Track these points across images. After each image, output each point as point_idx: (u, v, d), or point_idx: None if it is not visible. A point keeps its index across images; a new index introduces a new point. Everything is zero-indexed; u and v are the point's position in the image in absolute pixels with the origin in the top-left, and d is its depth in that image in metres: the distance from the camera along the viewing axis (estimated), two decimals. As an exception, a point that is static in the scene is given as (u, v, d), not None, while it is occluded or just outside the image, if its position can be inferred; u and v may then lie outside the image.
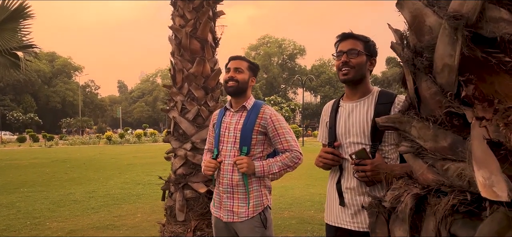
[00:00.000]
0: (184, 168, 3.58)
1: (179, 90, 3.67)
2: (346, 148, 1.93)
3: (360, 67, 1.91)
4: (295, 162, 2.35)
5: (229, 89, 2.35)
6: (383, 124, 1.54)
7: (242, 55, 2.48)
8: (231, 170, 2.31)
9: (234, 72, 2.36)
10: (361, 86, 1.95)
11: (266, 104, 2.44)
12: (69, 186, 9.28)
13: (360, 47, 1.92)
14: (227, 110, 2.46)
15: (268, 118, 2.34)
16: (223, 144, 2.37)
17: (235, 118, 2.39)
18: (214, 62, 3.75)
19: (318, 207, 6.61)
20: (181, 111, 3.63)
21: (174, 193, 3.57)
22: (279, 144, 2.35)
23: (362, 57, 1.92)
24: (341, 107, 2.02)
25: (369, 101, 1.92)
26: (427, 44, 1.35)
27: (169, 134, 3.75)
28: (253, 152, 2.32)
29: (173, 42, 3.71)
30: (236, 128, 2.34)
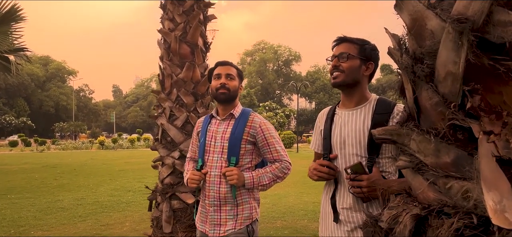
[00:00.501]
0: (171, 178, 3.44)
1: (167, 96, 3.53)
2: (341, 160, 1.81)
3: (351, 71, 1.79)
4: (284, 173, 2.25)
5: (220, 96, 2.22)
6: (379, 137, 1.42)
7: (229, 61, 2.35)
8: (218, 182, 2.18)
9: (226, 79, 2.24)
10: (356, 92, 1.83)
11: (254, 111, 2.34)
12: (58, 193, 9.07)
13: (353, 51, 1.80)
14: (213, 117, 2.33)
15: (258, 126, 2.23)
16: (209, 154, 2.24)
17: (222, 127, 2.26)
18: (205, 67, 3.63)
19: (312, 217, 6.48)
20: (170, 118, 3.49)
21: (161, 203, 3.42)
22: (268, 154, 2.25)
23: (354, 61, 1.79)
24: (337, 115, 1.90)
25: (366, 110, 1.80)
26: (428, 49, 1.23)
27: (157, 142, 3.61)
28: (241, 163, 2.20)
29: (162, 46, 3.58)
30: (224, 137, 2.22)
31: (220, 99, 2.23)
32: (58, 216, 6.68)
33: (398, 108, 1.73)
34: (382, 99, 1.82)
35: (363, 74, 1.81)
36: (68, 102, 68.63)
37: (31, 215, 6.70)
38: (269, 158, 2.26)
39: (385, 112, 1.72)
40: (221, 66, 2.29)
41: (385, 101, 1.79)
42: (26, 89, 63.17)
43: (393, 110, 1.72)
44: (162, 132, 3.53)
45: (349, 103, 1.85)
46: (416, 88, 1.30)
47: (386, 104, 1.77)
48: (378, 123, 1.69)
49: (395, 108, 1.73)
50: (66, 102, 68.33)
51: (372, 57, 1.83)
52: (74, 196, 8.69)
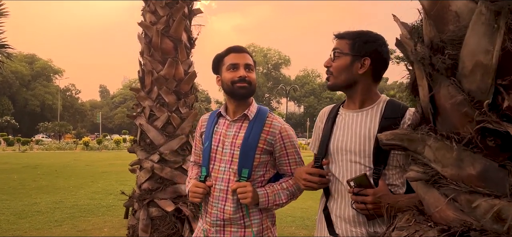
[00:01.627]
0: (150, 183, 3.17)
1: (147, 94, 3.27)
2: (342, 167, 1.57)
3: (339, 71, 1.56)
4: (301, 190, 1.87)
5: (240, 92, 1.80)
6: (387, 142, 1.19)
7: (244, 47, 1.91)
8: (224, 199, 1.79)
9: (245, 70, 1.82)
10: (357, 93, 1.59)
11: (272, 112, 1.94)
12: (35, 195, 8.68)
13: (344, 47, 1.56)
14: (222, 117, 1.91)
15: (278, 132, 1.82)
16: (215, 162, 1.84)
17: (232, 129, 1.85)
18: (189, 64, 3.38)
19: (300, 223, 6.25)
20: (149, 118, 3.23)
21: (138, 210, 3.15)
22: (286, 166, 1.86)
23: (344, 59, 1.55)
24: (340, 116, 1.66)
25: (374, 113, 1.55)
26: (451, 36, 1.01)
27: (135, 144, 3.34)
28: (253, 176, 1.80)
29: (142, 41, 3.32)
30: (234, 143, 1.81)
31: (239, 95, 1.81)
32: (33, 220, 6.32)
33: (410, 112, 1.48)
34: (393, 101, 1.58)
35: (358, 73, 1.54)
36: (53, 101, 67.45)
37: (4, 219, 6.32)
38: (286, 171, 1.87)
39: (396, 116, 1.48)
40: (236, 53, 1.85)
41: (396, 104, 1.55)
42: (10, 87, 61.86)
43: (404, 114, 1.48)
44: (141, 133, 3.26)
45: (353, 105, 1.62)
46: (433, 84, 1.07)
47: (397, 107, 1.53)
48: (386, 128, 1.43)
49: (407, 113, 1.48)
50: (51, 101, 67.14)
51: (367, 51, 1.54)
52: (52, 199, 8.31)
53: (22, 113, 64.43)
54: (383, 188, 1.42)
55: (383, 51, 1.55)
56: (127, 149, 3.36)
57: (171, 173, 3.11)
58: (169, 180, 3.11)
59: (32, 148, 30.16)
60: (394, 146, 1.17)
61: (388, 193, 1.41)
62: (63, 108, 70.77)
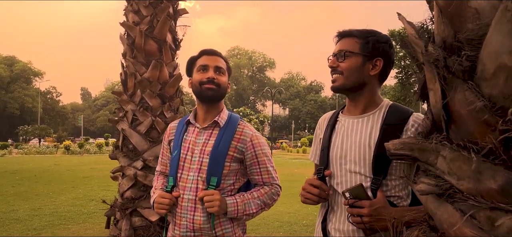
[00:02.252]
0: (133, 191, 3.02)
1: (130, 97, 3.12)
2: (341, 177, 1.47)
3: (351, 72, 1.46)
4: (274, 200, 1.84)
5: (207, 93, 1.75)
6: (395, 152, 1.08)
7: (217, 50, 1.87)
8: (193, 208, 1.72)
9: (215, 72, 1.77)
10: (362, 97, 1.49)
11: (243, 119, 1.89)
12: (14, 202, 8.36)
13: (353, 47, 1.47)
14: (191, 124, 1.86)
15: (248, 140, 1.78)
16: (183, 171, 1.78)
17: (202, 137, 1.80)
18: (174, 66, 3.24)
19: (287, 228, 6.15)
20: (132, 123, 3.08)
21: (120, 220, 2.99)
22: (257, 175, 1.82)
23: (355, 59, 1.46)
24: (339, 123, 1.56)
25: (375, 119, 1.46)
26: (469, 35, 0.91)
27: (117, 149, 3.18)
28: (223, 185, 1.75)
29: (125, 42, 3.17)
30: (204, 151, 1.75)
31: (206, 96, 1.76)
32: (10, 229, 6.06)
33: (415, 118, 1.39)
34: (396, 106, 1.49)
35: (368, 74, 1.46)
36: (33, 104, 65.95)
37: (-21, 228, 6.04)
38: (257, 180, 1.83)
39: (398, 122, 1.39)
40: (207, 55, 1.82)
41: (399, 108, 1.46)
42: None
43: (408, 120, 1.39)
44: (123, 139, 3.10)
45: (355, 110, 1.52)
46: (447, 88, 0.97)
47: (400, 112, 1.43)
48: (387, 135, 1.35)
49: (410, 118, 1.39)
50: (31, 104, 65.66)
51: (380, 51, 1.46)
52: (31, 205, 8.02)
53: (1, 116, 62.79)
54: (381, 200, 1.32)
55: (392, 53, 1.49)
56: (109, 155, 3.20)
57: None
58: (153, 188, 2.95)
59: (11, 152, 29.33)
60: (403, 156, 1.07)
61: (387, 205, 1.32)
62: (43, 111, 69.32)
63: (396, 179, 1.37)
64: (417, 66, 1.16)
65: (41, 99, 68.50)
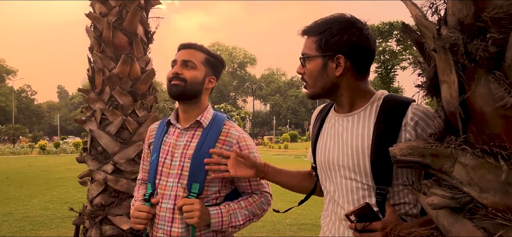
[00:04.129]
0: (103, 197, 2.77)
1: (98, 95, 2.86)
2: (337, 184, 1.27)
3: (314, 79, 1.27)
4: (264, 210, 1.67)
5: (171, 89, 1.59)
6: (402, 158, 0.90)
7: (198, 43, 1.69)
8: (170, 219, 1.54)
9: (181, 67, 1.60)
10: (342, 97, 1.28)
11: (230, 119, 1.72)
12: (-18, 207, 7.91)
13: (310, 48, 1.26)
14: (172, 125, 1.68)
15: (235, 142, 1.60)
16: (162, 176, 1.60)
17: (183, 139, 1.62)
18: (146, 61, 3.00)
19: (270, 228, 5.99)
20: (101, 123, 2.82)
21: (89, 229, 2.75)
22: (245, 181, 1.63)
23: (314, 63, 1.25)
24: (329, 121, 1.36)
25: (367, 116, 1.24)
26: (497, 14, 0.74)
27: (85, 152, 2.92)
28: (206, 192, 1.56)
29: (91, 34, 2.91)
30: (184, 154, 1.58)
31: (171, 93, 1.61)
32: (-24, 237, 5.68)
33: (414, 110, 1.15)
34: (392, 97, 1.25)
35: (334, 75, 1.24)
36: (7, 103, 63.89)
37: None
38: (245, 187, 1.65)
39: (394, 117, 1.17)
40: (181, 50, 1.66)
41: (395, 99, 1.23)
42: (-42, 89, 57.99)
43: (406, 112, 1.15)
44: (92, 141, 2.85)
45: (341, 108, 1.32)
46: (467, 81, 0.80)
47: (396, 104, 1.20)
48: (382, 136, 1.15)
49: (409, 110, 1.16)
50: (5, 103, 63.63)
51: (338, 46, 1.22)
52: (1, 210, 7.62)
53: (-28, 116, 60.60)
54: (393, 216, 1.10)
55: (361, 39, 1.22)
56: (76, 158, 2.94)
57: (127, 185, 2.73)
58: (125, 193, 2.73)
59: (-17, 154, 28.22)
60: (412, 163, 0.89)
61: (400, 222, 1.09)
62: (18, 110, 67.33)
63: (397, 184, 1.17)
64: (423, 54, 0.97)
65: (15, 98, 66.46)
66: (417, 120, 1.13)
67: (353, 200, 1.21)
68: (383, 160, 1.12)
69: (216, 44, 79.27)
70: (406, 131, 1.13)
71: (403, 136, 1.13)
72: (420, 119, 1.13)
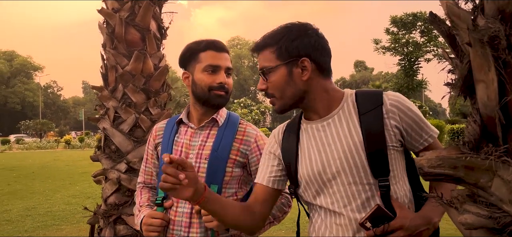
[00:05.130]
0: (116, 196, 2.73)
1: (111, 93, 2.82)
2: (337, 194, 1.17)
3: (281, 89, 1.20)
4: (284, 212, 1.57)
5: (217, 101, 1.50)
6: (430, 171, 0.78)
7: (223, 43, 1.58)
8: (188, 224, 1.46)
9: (227, 75, 1.52)
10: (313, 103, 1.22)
11: (243, 119, 1.63)
12: (8, 201, 8.14)
13: (270, 59, 1.20)
14: (183, 124, 1.59)
15: (253, 141, 1.53)
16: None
17: (198, 138, 1.53)
18: (159, 57, 2.93)
19: (289, 226, 5.88)
20: (114, 121, 2.78)
21: (104, 228, 2.72)
22: None
23: (278, 73, 1.19)
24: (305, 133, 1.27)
25: (347, 114, 1.19)
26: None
27: (99, 150, 2.89)
28: (224, 194, 1.48)
29: (104, 31, 2.86)
30: (200, 155, 1.49)
31: (215, 103, 1.50)
32: (0, 231, 5.84)
33: (390, 97, 1.16)
34: (363, 91, 1.24)
35: (302, 80, 1.18)
36: (34, 98, 66.00)
37: (-32, 231, 5.81)
38: None
39: (373, 106, 1.15)
40: (216, 52, 1.52)
41: (366, 93, 1.21)
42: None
43: (382, 101, 1.15)
44: (105, 139, 2.81)
45: (315, 115, 1.24)
46: (508, 79, 0.67)
47: (370, 96, 1.19)
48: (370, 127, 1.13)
49: (385, 98, 1.15)
50: (32, 98, 65.75)
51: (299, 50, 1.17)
52: (25, 205, 7.79)
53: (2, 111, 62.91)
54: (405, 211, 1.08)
55: (319, 40, 1.20)
56: (90, 156, 2.91)
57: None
58: (139, 192, 2.67)
59: (11, 148, 29.18)
60: (442, 176, 0.76)
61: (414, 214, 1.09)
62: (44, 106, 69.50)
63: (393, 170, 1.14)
64: (454, 49, 0.85)
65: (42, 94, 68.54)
66: (397, 105, 1.14)
67: (358, 206, 1.14)
68: (377, 152, 1.11)
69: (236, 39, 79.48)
70: (389, 118, 1.13)
71: (388, 123, 1.13)
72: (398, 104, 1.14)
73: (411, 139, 1.16)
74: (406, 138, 1.15)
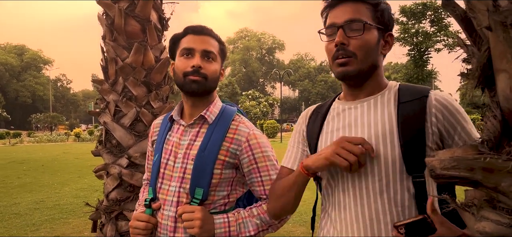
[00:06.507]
0: (118, 192, 2.68)
1: (111, 86, 2.75)
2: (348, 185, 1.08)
3: (367, 53, 1.07)
4: (281, 219, 1.42)
5: (191, 87, 1.36)
6: (443, 173, 0.69)
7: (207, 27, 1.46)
8: (173, 228, 1.37)
9: (203, 59, 1.37)
10: (371, 81, 1.11)
11: (239, 113, 1.50)
12: (16, 194, 8.20)
13: (366, 15, 1.07)
14: (175, 122, 1.49)
15: (244, 141, 1.38)
16: (164, 180, 1.42)
17: (187, 137, 1.42)
18: (161, 49, 2.85)
19: (297, 219, 5.82)
20: (115, 115, 2.72)
21: (106, 224, 2.67)
22: (258, 185, 1.40)
23: (371, 34, 1.07)
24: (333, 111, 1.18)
25: (385, 100, 1.09)
26: None
27: (101, 145, 2.84)
28: (212, 198, 1.37)
29: (103, 22, 2.79)
30: (188, 155, 1.38)
31: (189, 90, 1.38)
32: (9, 224, 5.85)
33: (437, 96, 1.03)
34: (406, 85, 1.13)
35: (382, 53, 1.11)
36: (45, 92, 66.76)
37: (-23, 224, 5.84)
38: (259, 192, 1.41)
39: (415, 98, 1.04)
40: (194, 35, 1.40)
41: (411, 86, 1.11)
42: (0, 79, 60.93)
43: (428, 96, 1.03)
44: (106, 133, 2.75)
45: (359, 94, 1.14)
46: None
47: (414, 88, 1.09)
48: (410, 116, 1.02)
49: (431, 94, 1.04)
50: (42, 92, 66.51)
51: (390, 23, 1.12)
52: (34, 198, 7.84)
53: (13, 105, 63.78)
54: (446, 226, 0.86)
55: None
56: (91, 151, 2.86)
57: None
58: (140, 188, 2.61)
59: (22, 141, 29.53)
60: (456, 179, 0.68)
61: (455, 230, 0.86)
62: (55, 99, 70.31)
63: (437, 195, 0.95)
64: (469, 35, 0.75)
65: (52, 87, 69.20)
66: (443, 103, 1.02)
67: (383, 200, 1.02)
68: (414, 143, 1.00)
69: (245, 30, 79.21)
70: (431, 114, 1.01)
71: (429, 120, 1.01)
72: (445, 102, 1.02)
73: (453, 143, 1.01)
74: (446, 142, 1.02)
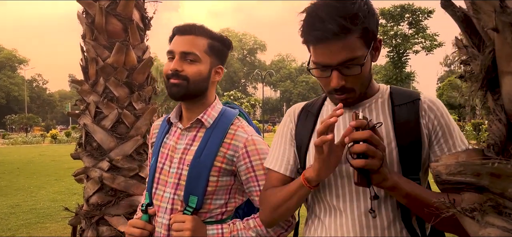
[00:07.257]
0: (99, 196, 2.59)
1: (92, 87, 2.66)
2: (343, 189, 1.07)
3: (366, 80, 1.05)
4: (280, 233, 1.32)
5: (172, 90, 1.30)
6: (449, 178, 0.67)
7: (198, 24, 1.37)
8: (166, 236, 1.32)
9: (181, 61, 1.30)
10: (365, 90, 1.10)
11: (239, 117, 1.43)
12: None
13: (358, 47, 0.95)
14: (173, 124, 1.43)
15: (242, 147, 1.31)
16: (159, 186, 1.37)
17: (183, 141, 1.36)
18: (143, 49, 2.78)
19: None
20: (95, 117, 2.63)
21: (86, 229, 2.58)
22: (256, 194, 1.32)
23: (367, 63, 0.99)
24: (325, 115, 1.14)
25: (379, 105, 1.09)
26: None
27: (80, 147, 2.74)
28: (208, 206, 1.31)
29: (83, 21, 2.70)
30: (183, 160, 1.32)
31: (170, 93, 1.31)
32: (-18, 230, 5.61)
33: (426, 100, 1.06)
34: (397, 88, 1.13)
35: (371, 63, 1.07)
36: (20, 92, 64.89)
37: None
38: (257, 202, 1.33)
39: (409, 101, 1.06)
40: (179, 35, 1.34)
41: (403, 89, 1.12)
42: (-28, 79, 58.95)
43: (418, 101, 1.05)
44: (86, 136, 2.66)
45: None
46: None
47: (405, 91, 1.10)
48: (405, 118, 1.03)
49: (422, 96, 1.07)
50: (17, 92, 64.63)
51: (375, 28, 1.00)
52: (9, 202, 7.57)
53: (-14, 106, 61.65)
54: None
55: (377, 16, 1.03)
56: (70, 154, 2.76)
57: (125, 183, 2.54)
58: (122, 191, 2.55)
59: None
60: (462, 184, 0.66)
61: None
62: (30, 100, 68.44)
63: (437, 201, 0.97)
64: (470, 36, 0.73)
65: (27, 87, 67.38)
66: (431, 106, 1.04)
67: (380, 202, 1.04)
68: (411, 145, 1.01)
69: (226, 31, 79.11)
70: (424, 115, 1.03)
71: (422, 121, 1.03)
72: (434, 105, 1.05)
73: (437, 143, 1.02)
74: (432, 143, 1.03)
